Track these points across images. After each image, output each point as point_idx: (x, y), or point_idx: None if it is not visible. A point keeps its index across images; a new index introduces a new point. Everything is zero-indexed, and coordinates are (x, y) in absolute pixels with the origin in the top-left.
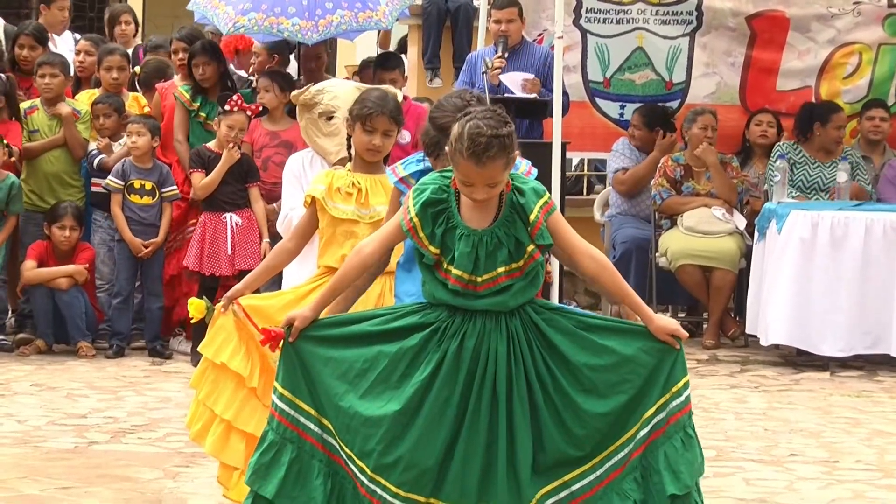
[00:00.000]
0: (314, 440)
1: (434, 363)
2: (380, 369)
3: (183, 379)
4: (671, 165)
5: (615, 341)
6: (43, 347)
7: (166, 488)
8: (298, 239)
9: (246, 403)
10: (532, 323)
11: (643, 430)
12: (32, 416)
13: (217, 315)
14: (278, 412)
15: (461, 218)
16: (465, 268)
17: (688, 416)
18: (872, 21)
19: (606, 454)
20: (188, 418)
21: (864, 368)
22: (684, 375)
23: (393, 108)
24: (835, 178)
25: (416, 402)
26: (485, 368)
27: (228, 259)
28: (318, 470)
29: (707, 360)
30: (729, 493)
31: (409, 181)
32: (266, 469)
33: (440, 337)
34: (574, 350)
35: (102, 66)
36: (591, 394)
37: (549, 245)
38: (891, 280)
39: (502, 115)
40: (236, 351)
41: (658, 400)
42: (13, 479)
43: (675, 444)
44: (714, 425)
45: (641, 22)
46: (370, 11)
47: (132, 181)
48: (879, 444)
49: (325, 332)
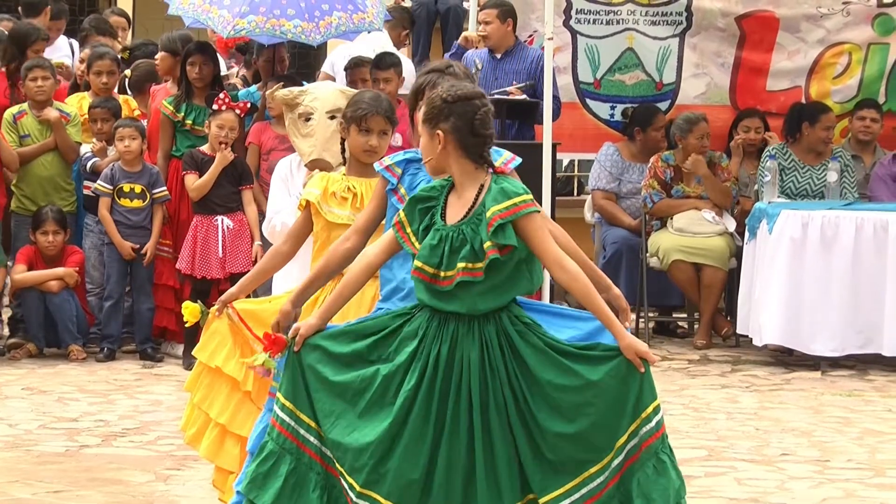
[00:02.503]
0: (313, 452)
1: (417, 372)
2: (375, 387)
3: (174, 382)
4: (661, 167)
5: (582, 366)
6: (34, 351)
7: (157, 491)
8: (293, 242)
9: (241, 407)
10: (506, 332)
11: (617, 458)
12: (24, 420)
13: (211, 319)
14: (279, 423)
15: (444, 216)
16: (428, 260)
17: (660, 441)
18: (862, 21)
19: (582, 479)
20: (183, 421)
21: (855, 368)
22: (653, 400)
23: (387, 107)
24: (824, 182)
25: (403, 414)
26: (460, 375)
27: (220, 262)
28: (314, 482)
29: (698, 360)
30: (720, 492)
31: (395, 169)
32: (263, 479)
33: (421, 345)
34: (541, 367)
35: (92, 71)
36: (554, 412)
37: (512, 246)
38: (881, 279)
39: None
40: (231, 355)
41: (629, 427)
42: (4, 483)
43: (647, 471)
44: (705, 425)
45: (631, 23)
46: (361, 13)
47: (122, 185)
48: (871, 443)
49: (328, 344)
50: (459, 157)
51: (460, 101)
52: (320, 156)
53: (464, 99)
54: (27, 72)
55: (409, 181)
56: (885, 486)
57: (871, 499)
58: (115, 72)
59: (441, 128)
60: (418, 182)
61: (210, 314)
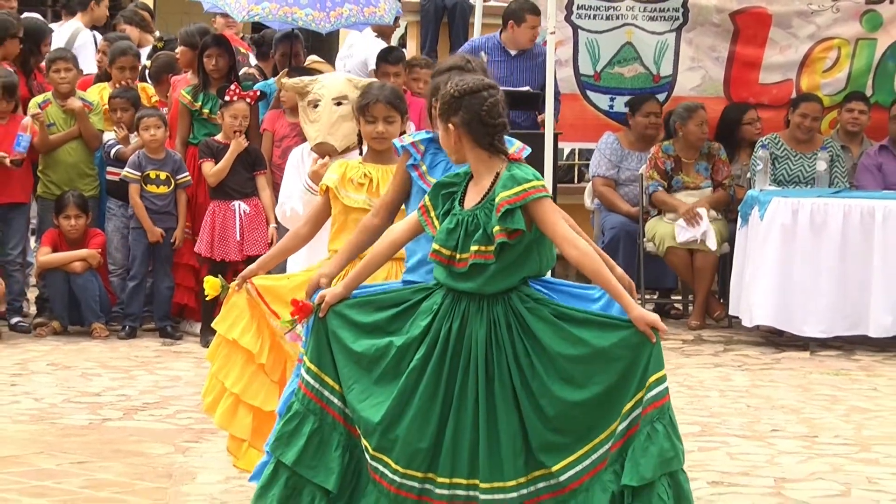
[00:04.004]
0: (336, 413)
1: (427, 346)
2: (389, 357)
3: (192, 359)
4: (661, 157)
5: (592, 334)
6: (59, 329)
7: (176, 462)
8: (312, 225)
9: (254, 379)
10: (515, 311)
11: (622, 423)
12: (49, 395)
13: (231, 293)
14: (305, 385)
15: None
16: (445, 244)
17: (658, 411)
18: (851, 17)
19: (591, 446)
20: (204, 388)
21: (842, 348)
22: (659, 370)
23: (389, 94)
24: (815, 170)
25: (411, 385)
26: (468, 351)
27: (238, 245)
28: (337, 442)
29: (692, 340)
30: (713, 466)
31: (419, 146)
32: (288, 438)
33: (434, 321)
34: (553, 340)
35: (115, 65)
36: (567, 383)
37: (521, 230)
38: (868, 264)
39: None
40: (247, 328)
41: (635, 395)
42: (31, 454)
43: (640, 438)
44: (699, 402)
45: (630, 18)
46: (373, 7)
47: (148, 172)
48: (857, 419)
49: (351, 313)
50: (473, 148)
51: (467, 94)
52: (325, 139)
53: (470, 92)
54: (50, 63)
55: (430, 159)
56: (871, 461)
57: (857, 473)
58: (136, 66)
59: (452, 121)
60: (438, 161)
61: (230, 289)
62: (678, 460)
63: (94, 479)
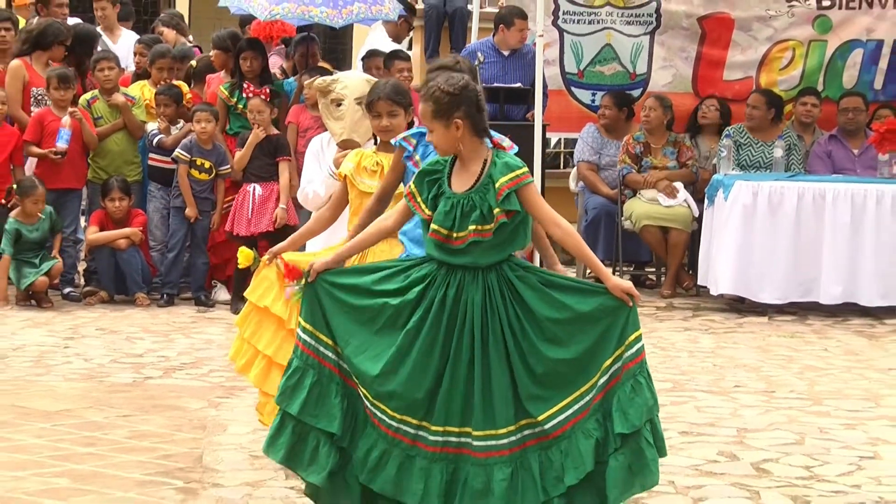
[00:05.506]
0: (332, 366)
1: (423, 309)
2: (385, 316)
3: (224, 324)
4: (632, 143)
5: (574, 299)
6: (106, 298)
7: (210, 416)
8: (334, 209)
9: (285, 342)
10: (506, 278)
11: (602, 377)
12: (97, 356)
13: (262, 266)
14: (302, 342)
15: (449, 185)
16: (443, 224)
17: (638, 366)
18: (804, 21)
19: (573, 398)
20: (231, 352)
21: (797, 314)
22: (636, 330)
23: (390, 91)
24: (773, 156)
25: (407, 343)
26: (464, 314)
27: (248, 222)
28: (335, 391)
29: (665, 307)
30: (683, 418)
31: (411, 139)
32: (292, 391)
33: (430, 287)
34: (540, 305)
35: (155, 66)
36: (552, 343)
37: (516, 211)
38: (819, 239)
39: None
40: (277, 298)
41: (614, 352)
42: (81, 408)
43: (625, 390)
44: (670, 361)
45: (609, 23)
46: (379, 6)
47: (195, 158)
48: (810, 377)
49: (340, 279)
50: (472, 138)
51: (464, 89)
52: (349, 136)
53: (465, 87)
54: (96, 63)
55: (421, 151)
56: (822, 413)
57: (810, 423)
58: (173, 67)
59: (457, 116)
60: (430, 152)
61: (261, 262)
62: (657, 407)
63: (137, 431)
